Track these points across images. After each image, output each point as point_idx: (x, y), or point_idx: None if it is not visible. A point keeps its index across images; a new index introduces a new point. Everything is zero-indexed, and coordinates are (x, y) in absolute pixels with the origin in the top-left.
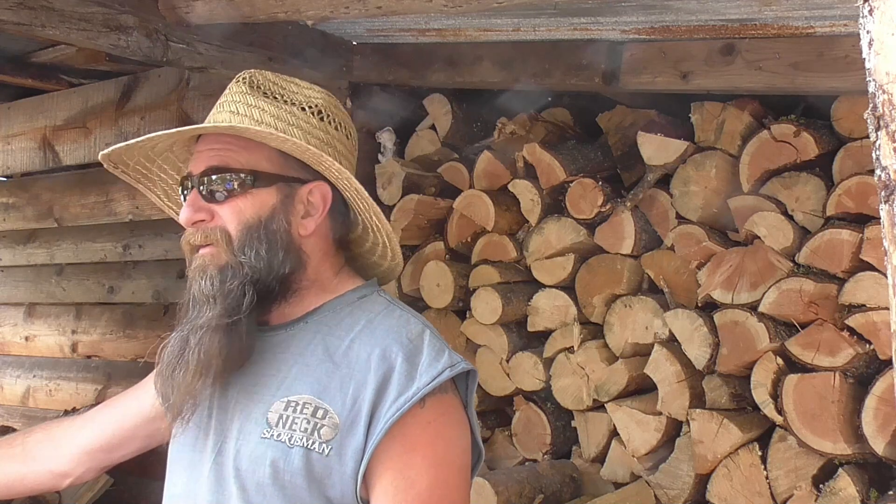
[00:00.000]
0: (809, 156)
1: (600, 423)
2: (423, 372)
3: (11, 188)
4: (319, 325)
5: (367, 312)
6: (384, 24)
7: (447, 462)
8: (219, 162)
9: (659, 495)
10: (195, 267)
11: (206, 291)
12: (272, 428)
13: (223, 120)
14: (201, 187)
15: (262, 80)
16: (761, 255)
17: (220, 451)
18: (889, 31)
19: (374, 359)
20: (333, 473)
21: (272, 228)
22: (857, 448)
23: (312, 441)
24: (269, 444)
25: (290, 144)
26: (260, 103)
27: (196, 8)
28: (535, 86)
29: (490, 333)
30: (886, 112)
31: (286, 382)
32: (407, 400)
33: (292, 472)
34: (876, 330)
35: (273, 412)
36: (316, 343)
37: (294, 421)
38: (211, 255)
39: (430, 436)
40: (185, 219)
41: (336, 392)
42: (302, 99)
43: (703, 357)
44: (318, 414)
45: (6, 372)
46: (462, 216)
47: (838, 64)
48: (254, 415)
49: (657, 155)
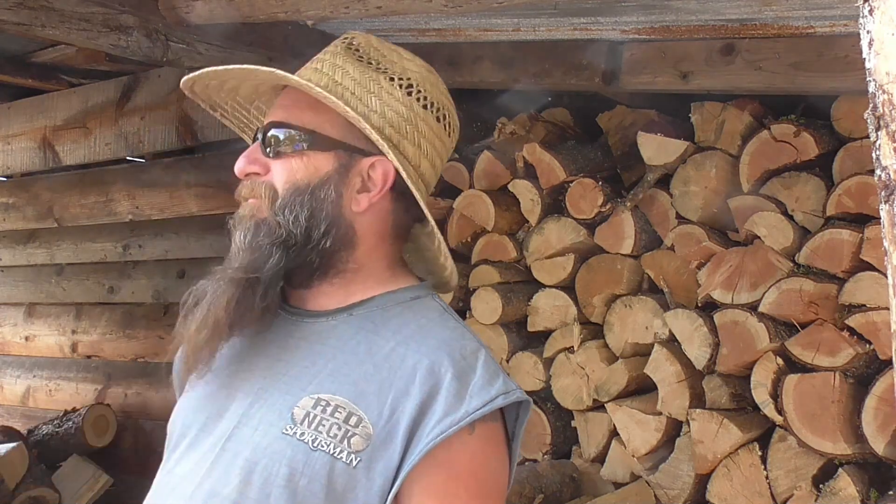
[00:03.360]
0: (809, 156)
1: (600, 423)
2: (474, 394)
3: (11, 188)
4: (365, 320)
5: (418, 316)
6: (384, 24)
7: (489, 496)
8: (283, 117)
9: (659, 495)
10: (238, 215)
11: (238, 243)
12: (296, 425)
13: (304, 75)
14: (263, 140)
15: (363, 42)
16: (761, 255)
17: (231, 436)
18: (889, 31)
19: (422, 370)
20: (358, 488)
21: (319, 196)
22: (857, 448)
23: (340, 450)
24: (290, 442)
25: (341, 109)
26: (346, 65)
27: (196, 8)
28: (535, 86)
29: (490, 333)
30: (886, 112)
31: (319, 378)
32: (454, 422)
33: (310, 477)
34: (876, 330)
35: (300, 408)
36: (359, 340)
37: (321, 422)
38: (253, 209)
39: (476, 466)
40: (238, 169)
41: (373, 399)
42: (397, 70)
43: (703, 357)
44: (352, 421)
45: (6, 372)
46: (462, 216)
47: (838, 64)
48: (278, 406)
49: (657, 155)
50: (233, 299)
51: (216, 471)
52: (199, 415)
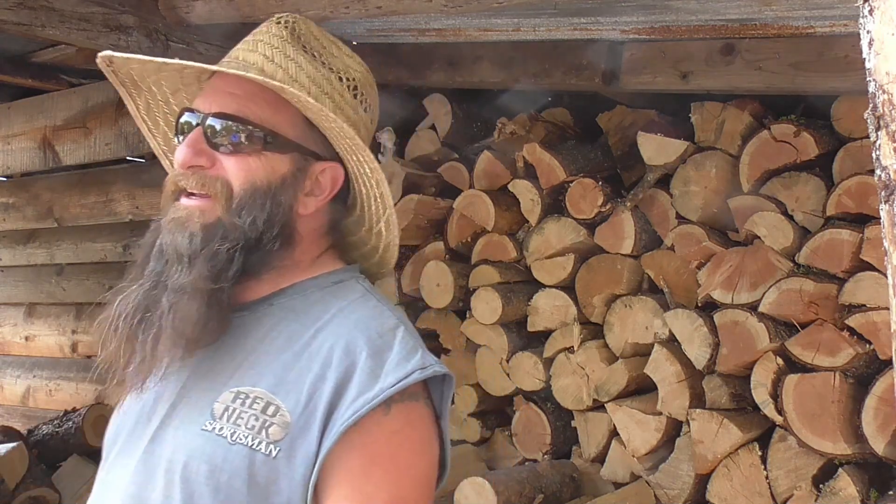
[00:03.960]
0: (809, 156)
1: (600, 423)
2: (389, 371)
3: (11, 188)
4: (286, 309)
5: (340, 300)
6: (384, 24)
7: (409, 479)
8: (237, 110)
9: (659, 495)
10: (175, 218)
11: (181, 249)
12: (215, 420)
13: (255, 63)
14: (208, 130)
15: (305, 30)
16: (761, 255)
17: (154, 438)
18: (889, 31)
19: (338, 351)
20: (281, 478)
21: (278, 199)
22: (857, 448)
23: (259, 441)
24: (209, 438)
25: (323, 117)
26: (299, 58)
27: (196, 8)
28: (534, 86)
29: (490, 333)
30: (886, 112)
31: (240, 371)
32: (367, 402)
33: (231, 472)
34: (876, 330)
35: (220, 403)
36: (279, 329)
37: (240, 415)
38: (200, 210)
39: (394, 448)
40: (182, 159)
41: (292, 387)
42: (340, 66)
43: (703, 357)
44: (269, 411)
45: (6, 372)
46: (462, 216)
47: (838, 64)
48: (201, 402)
49: (657, 155)
50: (203, 315)
51: (141, 475)
52: (129, 420)
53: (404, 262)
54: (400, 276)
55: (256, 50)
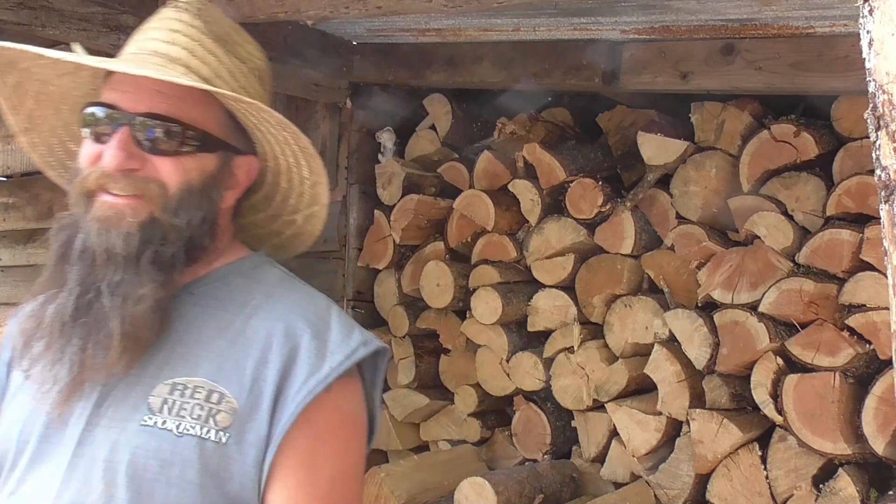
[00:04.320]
0: (809, 156)
1: (600, 423)
2: (334, 350)
3: (11, 188)
4: (208, 297)
5: (262, 285)
6: (384, 24)
7: (350, 452)
8: (168, 111)
9: (659, 495)
10: (103, 217)
11: (116, 249)
12: (155, 414)
13: (179, 58)
14: (138, 131)
15: (212, 17)
16: (761, 255)
17: (82, 441)
18: (889, 31)
19: (278, 335)
20: (232, 464)
21: (211, 197)
22: (857, 448)
23: (207, 429)
24: (153, 433)
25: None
26: (217, 51)
27: None
28: (535, 86)
29: (490, 333)
30: (886, 112)
31: (171, 363)
32: (319, 381)
33: (182, 465)
34: (876, 330)
35: (156, 396)
36: (205, 318)
37: (182, 406)
38: (131, 209)
39: (337, 423)
40: (115, 163)
41: (232, 373)
42: (245, 55)
43: (703, 357)
44: (213, 398)
45: None
46: (462, 216)
47: (838, 64)
48: (131, 398)
49: (657, 155)
50: (153, 321)
51: (74, 480)
52: (34, 427)
53: (404, 262)
54: (400, 276)
55: (176, 43)
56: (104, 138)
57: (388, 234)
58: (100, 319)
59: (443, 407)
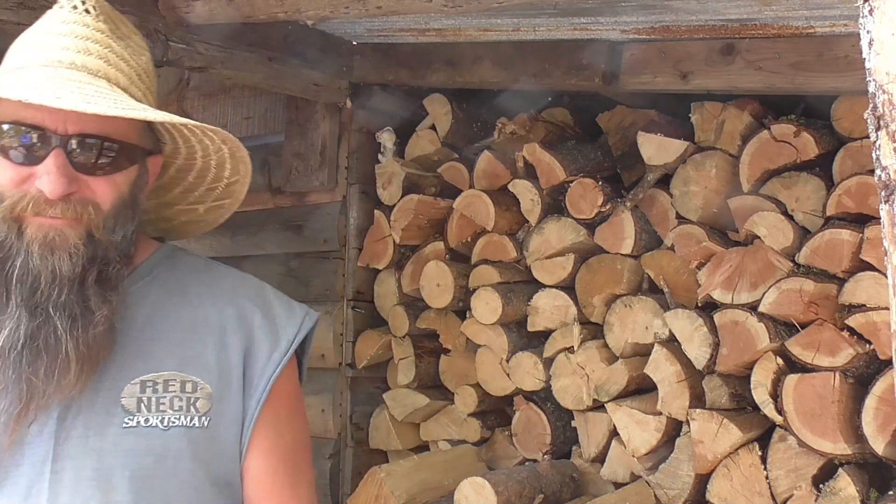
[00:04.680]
0: (809, 156)
1: (600, 423)
2: (284, 325)
3: None
4: (141, 295)
5: (191, 273)
6: (384, 24)
7: (302, 415)
8: (100, 129)
9: (659, 495)
10: (44, 239)
11: (63, 271)
12: (134, 415)
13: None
14: (71, 152)
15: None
16: (761, 255)
17: (56, 456)
18: (889, 31)
19: (231, 320)
20: (217, 445)
21: (138, 206)
22: (857, 448)
23: (191, 417)
24: (139, 433)
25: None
26: (124, 53)
27: (196, 8)
28: (535, 86)
29: (490, 333)
30: (886, 112)
31: (129, 362)
32: (282, 355)
33: (175, 456)
34: (876, 330)
35: (127, 397)
36: (148, 314)
37: (160, 401)
38: (70, 228)
39: (291, 388)
40: (58, 190)
41: (196, 361)
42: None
43: (703, 357)
44: (188, 388)
45: None
46: (462, 216)
47: (838, 64)
48: (98, 405)
49: (657, 155)
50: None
51: (62, 497)
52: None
53: (404, 262)
54: (400, 276)
55: (90, 52)
56: (29, 160)
57: (388, 234)
58: (52, 344)
59: (443, 407)
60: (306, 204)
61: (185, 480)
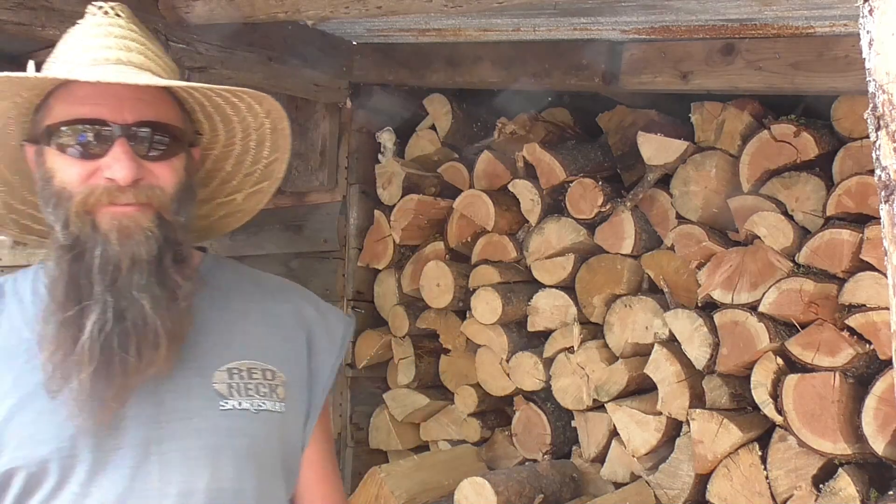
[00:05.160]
0: (809, 156)
1: (600, 423)
2: (335, 322)
3: None
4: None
5: (243, 274)
6: (384, 24)
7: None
8: (155, 115)
9: (659, 495)
10: (120, 226)
11: (140, 255)
12: (228, 399)
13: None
14: (133, 140)
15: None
16: (761, 255)
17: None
18: (889, 31)
19: (290, 315)
20: (290, 430)
21: (194, 190)
22: (857, 448)
23: (273, 402)
24: (235, 415)
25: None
26: (157, 50)
27: (196, 8)
28: (534, 86)
29: (490, 333)
30: (886, 112)
31: (213, 351)
32: (339, 350)
33: (265, 437)
34: (876, 330)
35: (218, 383)
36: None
37: (247, 387)
38: (142, 214)
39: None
40: (130, 175)
41: (270, 352)
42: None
43: (703, 357)
44: (268, 376)
45: None
46: (462, 216)
47: (838, 64)
48: (194, 391)
49: (657, 155)
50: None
51: (173, 476)
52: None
53: (404, 262)
54: (400, 276)
55: (131, 49)
56: (93, 154)
57: (388, 234)
58: (139, 323)
59: (443, 407)
60: (306, 204)
61: (269, 463)
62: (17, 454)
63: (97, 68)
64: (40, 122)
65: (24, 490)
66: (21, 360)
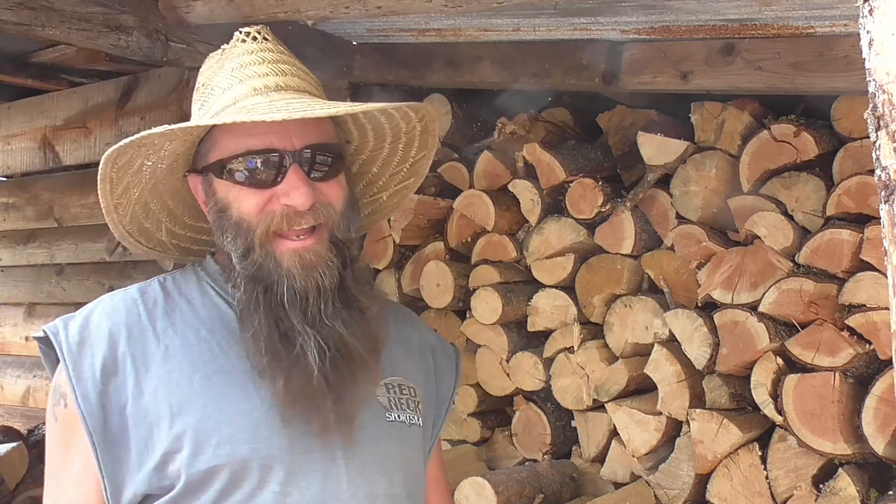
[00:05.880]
0: (809, 156)
1: (600, 423)
2: (447, 342)
3: (11, 188)
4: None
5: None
6: (384, 24)
7: None
8: (319, 138)
9: (659, 495)
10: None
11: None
12: (390, 411)
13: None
14: (305, 163)
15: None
16: (761, 255)
17: (347, 444)
18: (889, 31)
19: (418, 341)
20: (425, 445)
21: (358, 205)
22: (857, 448)
23: (417, 418)
24: (397, 427)
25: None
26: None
27: (196, 8)
28: (535, 86)
29: (490, 333)
30: (886, 112)
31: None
32: (456, 372)
33: (414, 448)
34: (876, 330)
35: (380, 396)
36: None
37: (399, 402)
38: (318, 242)
39: None
40: (308, 201)
41: (409, 369)
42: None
43: (703, 357)
44: (412, 392)
45: (6, 372)
46: (462, 216)
47: (838, 64)
48: (366, 401)
49: (657, 155)
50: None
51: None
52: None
53: (404, 262)
54: (400, 276)
55: (286, 73)
56: (268, 183)
57: (388, 234)
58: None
59: None
60: None
61: (420, 472)
62: (220, 451)
63: (256, 98)
64: (207, 155)
65: (226, 487)
66: (205, 359)
